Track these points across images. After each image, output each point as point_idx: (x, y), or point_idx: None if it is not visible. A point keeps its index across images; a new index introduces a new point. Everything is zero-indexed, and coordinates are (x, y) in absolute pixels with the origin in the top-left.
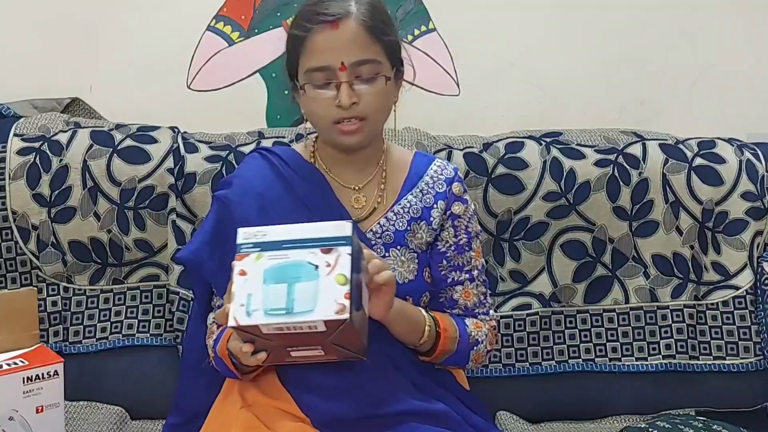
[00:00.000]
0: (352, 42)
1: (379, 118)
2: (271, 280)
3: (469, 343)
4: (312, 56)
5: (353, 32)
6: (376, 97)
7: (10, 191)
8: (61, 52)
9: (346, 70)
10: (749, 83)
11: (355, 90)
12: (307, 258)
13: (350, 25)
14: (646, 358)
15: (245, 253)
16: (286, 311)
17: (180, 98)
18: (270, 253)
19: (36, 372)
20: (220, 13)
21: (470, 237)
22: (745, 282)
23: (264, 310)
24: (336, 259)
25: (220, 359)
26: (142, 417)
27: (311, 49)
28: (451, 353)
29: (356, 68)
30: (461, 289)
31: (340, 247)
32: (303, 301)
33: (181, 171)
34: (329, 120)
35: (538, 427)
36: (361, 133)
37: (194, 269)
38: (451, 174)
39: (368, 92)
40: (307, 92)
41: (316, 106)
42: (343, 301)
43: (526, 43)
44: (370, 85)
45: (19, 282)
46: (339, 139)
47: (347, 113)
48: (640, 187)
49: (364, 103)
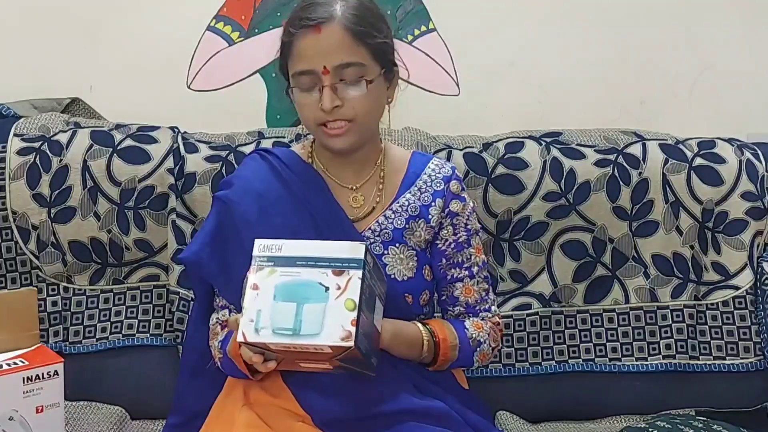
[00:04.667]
0: (335, 46)
1: (366, 121)
2: (281, 298)
3: (471, 347)
4: (297, 61)
5: (336, 36)
6: (361, 100)
7: (10, 191)
8: (61, 52)
9: (329, 74)
10: (749, 83)
11: (339, 93)
12: (318, 278)
13: (333, 29)
14: (646, 358)
15: (260, 266)
16: (292, 332)
17: (180, 98)
18: (283, 269)
19: (36, 372)
20: (220, 13)
21: (469, 234)
22: (745, 282)
23: (272, 329)
24: (347, 283)
25: (230, 360)
26: (142, 417)
27: (296, 53)
28: (454, 360)
29: (340, 71)
30: (461, 286)
31: (352, 270)
32: (310, 324)
33: (181, 171)
34: (315, 122)
35: (538, 427)
36: (348, 136)
37: (195, 270)
38: (448, 172)
39: (353, 95)
40: (295, 96)
41: (303, 108)
42: (349, 328)
43: (526, 43)
44: (355, 87)
45: (19, 282)
46: (327, 141)
47: (331, 116)
48: (640, 187)
49: (348, 106)
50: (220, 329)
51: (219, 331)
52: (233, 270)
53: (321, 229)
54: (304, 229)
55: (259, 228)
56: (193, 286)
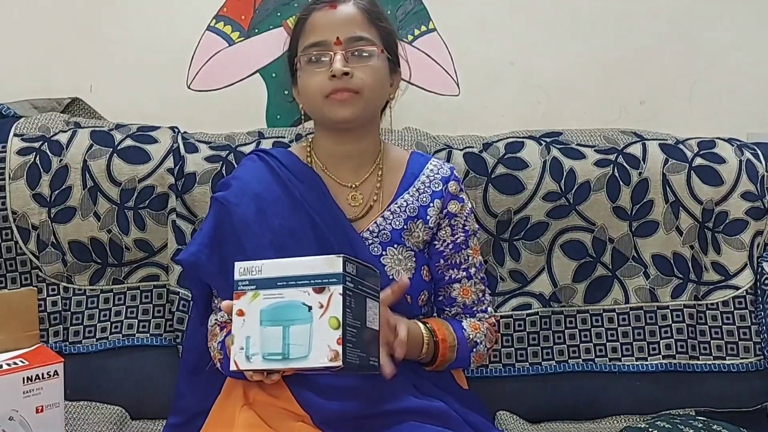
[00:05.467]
0: (349, 20)
1: (371, 96)
2: (268, 322)
3: (468, 347)
4: (310, 34)
5: (350, 12)
6: (370, 72)
7: (10, 191)
8: (61, 52)
9: (341, 44)
10: (749, 83)
11: (349, 63)
12: (300, 298)
13: (348, 6)
14: (646, 358)
15: (242, 291)
16: (282, 357)
17: (180, 98)
18: (265, 292)
19: (36, 372)
20: (220, 13)
21: (467, 235)
22: (745, 282)
23: (262, 355)
24: (328, 300)
25: None
26: (142, 417)
27: (309, 28)
28: (452, 361)
29: (351, 44)
30: (459, 287)
31: (332, 286)
32: (298, 347)
33: (181, 171)
34: (322, 93)
35: (538, 426)
36: (353, 106)
37: (193, 272)
38: (447, 173)
39: (362, 67)
40: (303, 68)
41: (310, 80)
42: (335, 347)
43: (526, 43)
44: (364, 60)
45: (19, 282)
46: (332, 111)
47: (340, 83)
48: (640, 187)
49: (357, 76)
50: (219, 330)
51: (218, 332)
52: (232, 271)
53: (320, 230)
54: (302, 230)
55: (258, 229)
56: (191, 286)
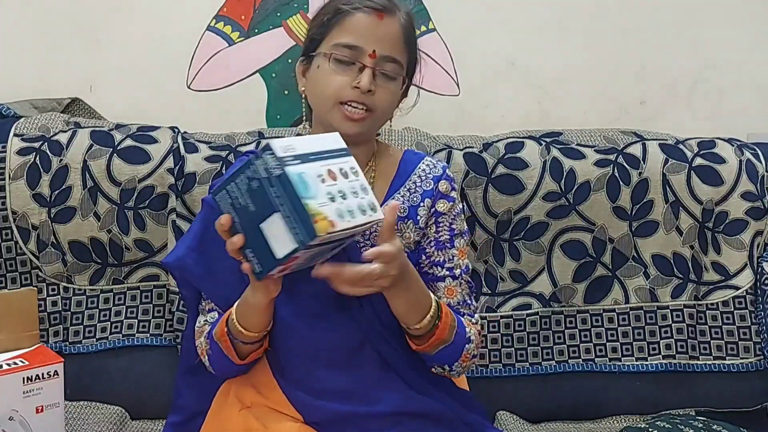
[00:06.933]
0: (390, 37)
1: (382, 117)
2: None
3: (465, 337)
4: (347, 32)
5: (394, 30)
6: (389, 95)
7: (10, 191)
8: (61, 52)
9: (375, 59)
10: (749, 83)
11: (375, 80)
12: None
13: (393, 23)
14: (646, 358)
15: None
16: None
17: (180, 98)
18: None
19: (36, 372)
20: (220, 13)
21: (453, 234)
22: (745, 282)
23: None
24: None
25: (218, 348)
26: (142, 417)
27: (349, 26)
28: (447, 344)
29: (383, 63)
30: (443, 286)
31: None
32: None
33: (181, 171)
34: (337, 99)
35: (538, 427)
36: (362, 124)
37: (180, 274)
38: (439, 172)
39: (384, 88)
40: (327, 65)
41: (331, 81)
42: None
43: (526, 43)
44: (388, 83)
45: (19, 282)
46: (339, 123)
47: (360, 98)
48: (640, 187)
49: (378, 96)
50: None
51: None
52: (219, 274)
53: None
54: None
55: None
56: (181, 289)
